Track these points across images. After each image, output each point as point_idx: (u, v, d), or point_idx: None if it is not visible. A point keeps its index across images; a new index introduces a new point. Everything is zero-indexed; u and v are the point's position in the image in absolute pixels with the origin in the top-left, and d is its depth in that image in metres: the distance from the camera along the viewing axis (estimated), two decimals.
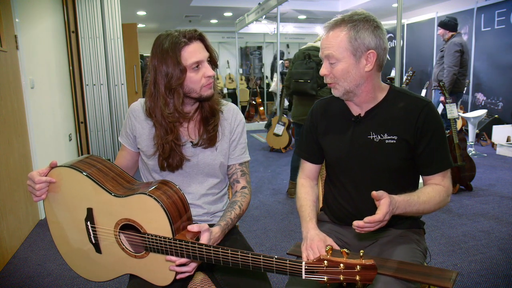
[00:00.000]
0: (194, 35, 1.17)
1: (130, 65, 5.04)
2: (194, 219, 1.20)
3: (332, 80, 1.17)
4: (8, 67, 2.59)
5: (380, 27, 1.13)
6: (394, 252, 1.14)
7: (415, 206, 1.09)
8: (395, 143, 1.17)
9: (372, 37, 1.11)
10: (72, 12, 4.14)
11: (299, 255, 1.18)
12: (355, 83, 1.15)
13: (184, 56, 1.14)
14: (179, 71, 1.14)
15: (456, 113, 3.47)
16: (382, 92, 1.22)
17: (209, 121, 1.26)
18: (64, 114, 3.91)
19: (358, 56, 1.12)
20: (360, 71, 1.13)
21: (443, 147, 1.18)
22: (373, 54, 1.12)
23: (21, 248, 2.55)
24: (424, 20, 7.28)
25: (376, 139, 1.19)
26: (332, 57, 1.13)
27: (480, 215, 2.93)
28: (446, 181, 1.19)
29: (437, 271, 1.03)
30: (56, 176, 1.13)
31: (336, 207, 1.32)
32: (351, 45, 1.11)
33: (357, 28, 1.10)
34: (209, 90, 1.21)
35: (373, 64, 1.13)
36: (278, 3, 5.38)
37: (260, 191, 3.77)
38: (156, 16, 8.48)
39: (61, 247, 1.20)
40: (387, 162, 1.19)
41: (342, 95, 1.19)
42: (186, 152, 1.26)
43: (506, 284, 2.02)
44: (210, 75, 1.19)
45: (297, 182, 1.38)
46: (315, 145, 1.34)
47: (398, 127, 1.17)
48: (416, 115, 1.16)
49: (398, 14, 3.08)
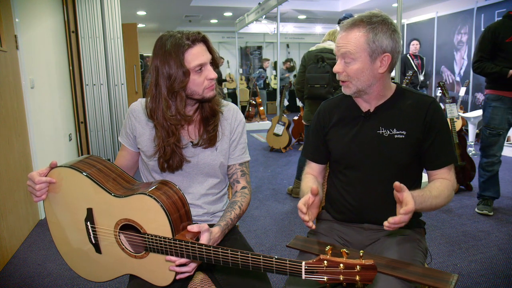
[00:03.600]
0: (198, 37, 1.16)
1: (130, 65, 5.04)
2: (194, 219, 1.20)
3: (346, 78, 1.19)
4: (8, 67, 2.59)
5: (397, 30, 1.16)
6: (394, 251, 1.15)
7: (428, 201, 1.10)
8: (404, 138, 1.20)
9: (390, 40, 1.14)
10: (72, 12, 4.14)
11: (299, 248, 1.19)
12: (368, 83, 1.18)
13: (187, 58, 1.14)
14: (182, 73, 1.13)
15: (456, 113, 3.48)
16: (391, 90, 1.25)
17: (209, 121, 1.26)
18: (64, 114, 3.91)
19: (374, 58, 1.14)
20: (373, 72, 1.16)
21: (448, 142, 1.21)
22: (388, 57, 1.15)
23: (21, 248, 2.55)
24: (424, 20, 7.29)
25: (385, 134, 1.22)
26: (349, 56, 1.15)
27: (480, 215, 2.94)
28: (451, 175, 1.21)
29: (437, 273, 1.03)
30: (56, 177, 1.13)
31: (339, 202, 1.33)
32: (369, 46, 1.13)
33: (375, 31, 1.12)
34: (211, 92, 1.21)
35: (386, 67, 1.16)
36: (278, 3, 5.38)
37: (260, 191, 3.77)
38: (156, 16, 8.48)
39: (61, 247, 1.20)
40: (395, 157, 1.21)
41: (353, 93, 1.22)
42: (187, 153, 1.26)
43: (506, 284, 2.02)
44: (212, 77, 1.19)
45: (302, 178, 1.40)
46: (321, 145, 1.36)
47: (407, 123, 1.20)
48: (424, 111, 1.19)
49: (398, 14, 3.08)
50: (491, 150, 2.87)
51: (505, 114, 2.77)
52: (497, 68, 2.68)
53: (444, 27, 6.84)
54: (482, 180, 2.97)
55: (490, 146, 2.87)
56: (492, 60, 2.75)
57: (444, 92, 3.51)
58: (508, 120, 2.79)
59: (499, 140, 2.84)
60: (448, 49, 6.72)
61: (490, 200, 2.97)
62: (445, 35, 6.82)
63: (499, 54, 2.71)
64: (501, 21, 2.76)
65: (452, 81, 6.74)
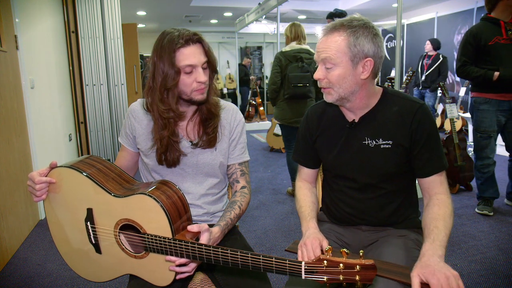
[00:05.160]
0: (192, 38, 1.15)
1: (130, 65, 5.04)
2: (193, 219, 1.20)
3: (327, 85, 1.14)
4: (8, 67, 2.59)
5: (378, 34, 1.12)
6: (393, 252, 1.14)
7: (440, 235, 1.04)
8: (391, 147, 1.17)
9: (371, 44, 1.09)
10: (72, 12, 4.14)
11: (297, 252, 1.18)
12: (350, 90, 1.13)
13: (178, 57, 1.14)
14: (174, 72, 1.15)
15: (456, 113, 3.48)
16: (376, 97, 1.20)
17: (208, 123, 1.26)
18: (64, 114, 3.91)
19: (356, 63, 1.10)
20: (356, 78, 1.11)
21: (437, 148, 1.17)
22: (370, 62, 1.10)
23: (21, 248, 2.55)
24: (424, 20, 7.29)
25: (371, 144, 1.19)
26: (329, 62, 1.11)
27: (480, 215, 2.94)
28: (444, 186, 1.16)
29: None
30: (56, 177, 1.13)
31: (335, 209, 1.32)
32: (350, 50, 1.08)
33: (356, 34, 1.08)
34: (200, 95, 1.20)
35: (369, 72, 1.11)
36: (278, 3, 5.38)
37: (260, 191, 3.77)
38: (156, 16, 8.48)
39: (61, 247, 1.21)
40: (383, 167, 1.19)
41: (336, 100, 1.17)
42: (186, 152, 1.26)
43: (506, 284, 2.02)
44: (201, 80, 1.17)
45: (296, 185, 1.39)
46: (311, 151, 1.33)
47: (393, 132, 1.17)
48: (410, 118, 1.15)
49: (398, 14, 3.08)
50: (483, 153, 2.89)
51: (493, 116, 2.78)
52: (482, 72, 2.68)
53: (444, 27, 6.84)
54: (480, 182, 2.98)
55: (482, 149, 2.89)
56: (475, 63, 2.76)
57: (444, 92, 3.51)
58: (498, 121, 2.80)
59: (491, 142, 2.86)
60: (448, 49, 6.71)
61: (490, 200, 2.97)
62: (445, 35, 6.82)
63: (482, 57, 2.71)
64: (482, 23, 2.76)
65: (452, 81, 6.74)
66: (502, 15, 2.67)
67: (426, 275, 0.92)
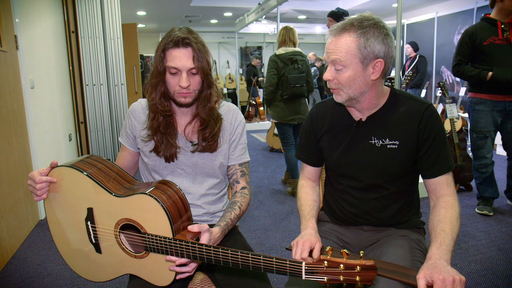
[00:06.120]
0: (182, 41, 1.15)
1: (130, 65, 5.04)
2: (194, 219, 1.20)
3: (337, 86, 1.13)
4: (8, 67, 2.59)
5: (389, 34, 1.10)
6: (394, 252, 1.14)
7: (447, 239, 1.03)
8: (397, 148, 1.16)
9: (382, 45, 1.07)
10: (72, 12, 4.14)
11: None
12: (360, 91, 1.12)
13: (167, 57, 1.17)
14: (161, 69, 1.18)
15: (456, 113, 3.48)
16: (384, 97, 1.19)
17: (205, 130, 1.26)
18: (64, 114, 3.91)
19: (366, 64, 1.08)
20: (366, 79, 1.10)
21: (444, 150, 1.16)
22: (381, 63, 1.09)
23: (21, 248, 2.55)
24: (424, 20, 7.29)
25: (377, 144, 1.18)
26: (339, 63, 1.09)
27: (480, 215, 2.94)
28: (451, 188, 1.15)
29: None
30: (57, 176, 1.13)
31: (337, 208, 1.32)
32: (360, 52, 1.07)
33: (367, 36, 1.06)
34: (183, 99, 1.20)
35: (379, 73, 1.10)
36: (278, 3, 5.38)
37: (260, 191, 3.77)
38: (156, 16, 8.48)
39: (61, 247, 1.21)
40: (388, 167, 1.18)
41: (345, 101, 1.16)
42: (186, 154, 1.26)
43: (506, 284, 2.02)
44: (182, 85, 1.16)
45: (298, 183, 1.38)
46: (314, 149, 1.33)
47: (400, 132, 1.16)
48: (418, 118, 1.14)
49: (398, 14, 3.08)
50: (480, 153, 2.90)
51: (489, 116, 2.79)
52: (476, 71, 2.71)
53: (444, 27, 6.84)
54: (478, 182, 2.99)
55: (479, 149, 2.90)
56: (471, 62, 2.79)
57: (444, 92, 3.51)
58: (494, 121, 2.81)
59: (487, 143, 2.86)
60: (448, 49, 6.71)
61: (490, 200, 2.98)
62: (445, 35, 6.82)
63: (478, 57, 2.74)
64: (479, 24, 2.78)
65: (452, 81, 6.74)
66: (499, 16, 2.69)
67: (432, 275, 0.92)
